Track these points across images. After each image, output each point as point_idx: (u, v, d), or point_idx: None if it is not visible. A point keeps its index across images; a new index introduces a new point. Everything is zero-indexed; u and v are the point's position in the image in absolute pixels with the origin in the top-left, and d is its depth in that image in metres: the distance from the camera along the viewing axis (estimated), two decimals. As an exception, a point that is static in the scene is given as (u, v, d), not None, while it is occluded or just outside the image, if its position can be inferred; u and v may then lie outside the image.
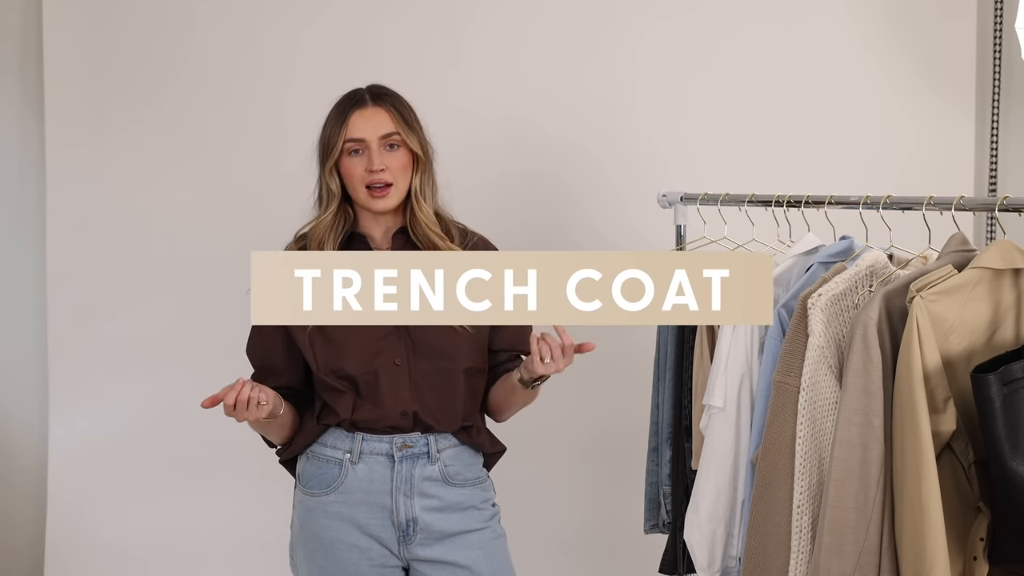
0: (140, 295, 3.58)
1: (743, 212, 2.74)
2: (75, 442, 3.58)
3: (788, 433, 2.24)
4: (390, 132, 2.37)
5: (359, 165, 2.36)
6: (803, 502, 2.22)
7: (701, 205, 2.84)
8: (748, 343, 2.44)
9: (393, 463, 2.38)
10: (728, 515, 2.47)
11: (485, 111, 3.56)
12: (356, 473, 2.38)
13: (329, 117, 2.42)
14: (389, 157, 2.36)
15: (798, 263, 2.52)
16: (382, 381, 2.36)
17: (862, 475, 2.10)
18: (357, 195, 2.38)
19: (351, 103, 2.40)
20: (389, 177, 2.35)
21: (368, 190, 2.36)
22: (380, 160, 2.35)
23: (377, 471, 2.38)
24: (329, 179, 2.38)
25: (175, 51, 3.55)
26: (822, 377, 2.21)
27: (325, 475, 2.40)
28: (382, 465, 2.38)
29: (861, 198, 2.42)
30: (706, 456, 2.48)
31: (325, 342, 2.36)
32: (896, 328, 2.13)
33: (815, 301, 2.22)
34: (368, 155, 2.35)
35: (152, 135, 3.56)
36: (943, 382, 2.07)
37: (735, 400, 2.45)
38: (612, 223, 3.62)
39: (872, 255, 2.32)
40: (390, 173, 2.35)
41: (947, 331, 2.09)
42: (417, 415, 2.37)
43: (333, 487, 2.39)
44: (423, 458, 2.39)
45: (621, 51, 3.62)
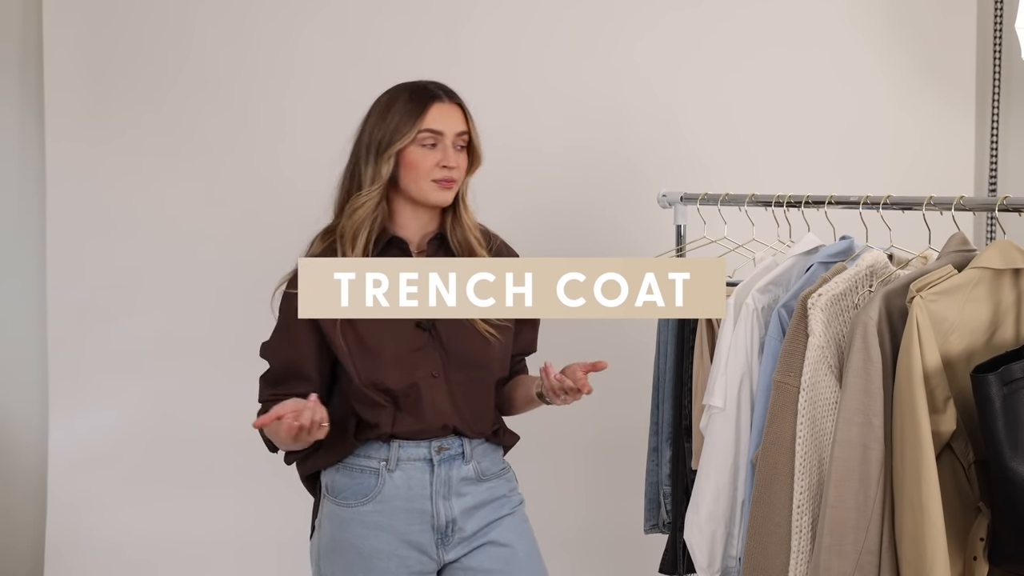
0: (140, 297, 3.59)
1: (743, 212, 2.75)
2: (75, 443, 3.58)
3: (788, 433, 2.25)
4: (464, 131, 2.39)
5: (431, 157, 2.35)
6: (803, 502, 2.23)
7: (701, 205, 2.84)
8: (748, 343, 2.44)
9: (432, 467, 2.37)
10: (728, 515, 2.48)
11: (484, 109, 3.55)
12: (394, 481, 2.37)
13: (393, 106, 2.37)
14: (459, 156, 2.38)
15: (798, 263, 2.52)
16: (423, 395, 2.35)
17: (862, 475, 2.11)
18: (420, 186, 2.36)
19: (428, 95, 2.38)
20: (457, 175, 2.38)
21: (436, 183, 2.35)
22: (455, 157, 2.37)
23: (415, 477, 2.37)
24: (383, 164, 2.35)
25: (175, 53, 3.56)
26: (822, 377, 2.22)
27: (360, 485, 2.38)
28: (420, 471, 2.37)
29: (861, 198, 2.43)
30: (706, 456, 2.49)
31: (364, 352, 2.34)
32: (896, 328, 2.14)
33: (815, 301, 2.23)
34: (443, 149, 2.35)
35: (152, 137, 3.57)
36: (943, 382, 2.08)
37: (735, 400, 2.45)
38: (611, 223, 3.63)
39: (872, 255, 2.33)
40: (458, 171, 2.38)
41: (947, 331, 2.10)
42: (456, 427, 2.38)
43: (370, 497, 2.37)
44: (459, 459, 2.39)
45: (621, 49, 3.64)
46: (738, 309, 2.47)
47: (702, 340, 2.71)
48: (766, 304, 2.47)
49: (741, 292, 2.51)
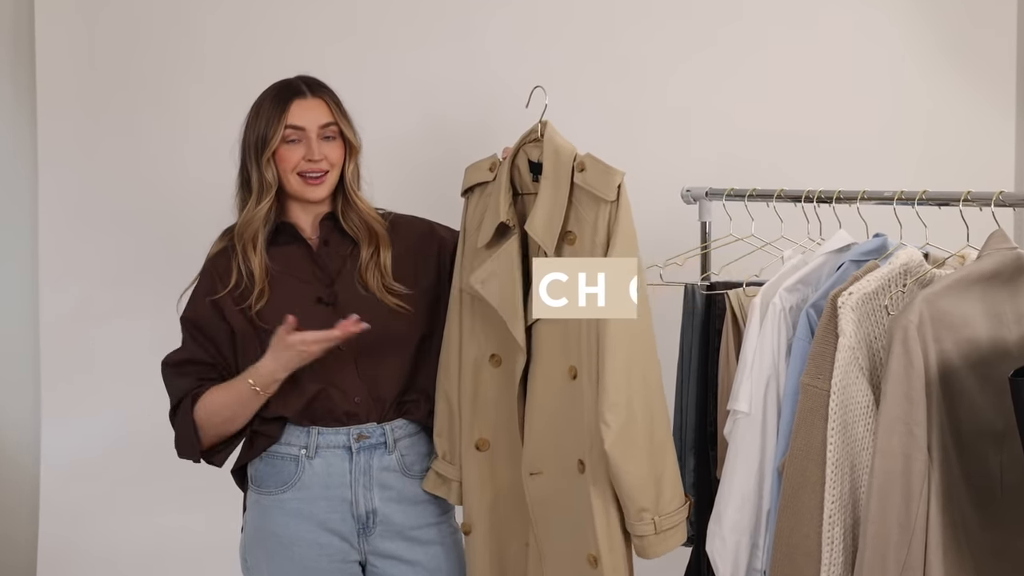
0: (137, 295, 3.59)
1: (771, 208, 2.76)
2: (69, 452, 3.60)
3: (818, 439, 2.25)
4: (328, 122, 2.58)
5: (295, 153, 2.55)
6: (834, 512, 2.23)
7: (727, 201, 2.85)
8: (775, 344, 2.45)
9: (351, 454, 2.54)
10: (753, 525, 2.48)
11: (500, 107, 3.56)
12: (313, 468, 2.54)
13: (261, 107, 2.58)
14: (326, 147, 2.57)
15: (828, 261, 2.52)
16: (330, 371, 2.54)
17: (904, 487, 2.10)
18: (290, 183, 2.57)
19: (289, 92, 2.58)
20: (326, 166, 2.57)
21: (302, 178, 2.55)
22: (319, 150, 2.54)
23: (335, 464, 2.54)
24: (266, 170, 2.55)
25: (173, 40, 3.57)
26: (853, 379, 2.22)
27: (281, 473, 2.55)
28: (339, 458, 2.54)
29: (895, 193, 2.43)
30: (730, 463, 2.49)
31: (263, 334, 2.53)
32: (939, 333, 2.12)
33: (845, 300, 2.23)
34: (307, 144, 2.55)
35: (151, 127, 3.58)
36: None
37: (761, 404, 2.45)
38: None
39: (906, 253, 2.33)
40: (327, 162, 2.56)
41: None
42: (365, 403, 2.55)
43: (290, 484, 2.54)
44: (380, 448, 2.56)
45: (640, 37, 3.63)
46: (765, 309, 2.48)
47: (728, 342, 2.71)
48: (794, 304, 2.47)
49: (768, 291, 2.51)
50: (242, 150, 2.61)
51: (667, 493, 2.40)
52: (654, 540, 2.39)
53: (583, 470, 2.40)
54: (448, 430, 2.62)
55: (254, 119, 2.58)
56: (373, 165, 2.73)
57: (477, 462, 2.58)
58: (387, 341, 2.55)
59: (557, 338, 2.45)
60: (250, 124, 2.59)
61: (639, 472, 2.35)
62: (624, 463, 2.32)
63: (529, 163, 2.52)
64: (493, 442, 2.57)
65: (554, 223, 2.41)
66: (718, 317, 2.78)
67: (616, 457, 2.31)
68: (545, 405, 2.47)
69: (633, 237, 2.38)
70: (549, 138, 2.47)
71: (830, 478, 2.23)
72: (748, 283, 2.75)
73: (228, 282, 2.56)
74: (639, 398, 2.35)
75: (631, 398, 2.33)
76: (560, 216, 2.41)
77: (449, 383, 2.60)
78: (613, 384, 2.32)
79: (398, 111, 3.55)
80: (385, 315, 2.55)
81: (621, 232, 2.36)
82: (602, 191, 2.35)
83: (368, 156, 2.70)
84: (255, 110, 2.59)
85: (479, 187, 2.59)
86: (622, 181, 2.36)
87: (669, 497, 2.41)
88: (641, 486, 2.35)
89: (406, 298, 2.59)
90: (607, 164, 2.38)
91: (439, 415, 2.62)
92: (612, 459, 2.31)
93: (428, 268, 2.67)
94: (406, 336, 2.60)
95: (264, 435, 2.56)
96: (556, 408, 2.46)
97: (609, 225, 2.36)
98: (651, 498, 2.37)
